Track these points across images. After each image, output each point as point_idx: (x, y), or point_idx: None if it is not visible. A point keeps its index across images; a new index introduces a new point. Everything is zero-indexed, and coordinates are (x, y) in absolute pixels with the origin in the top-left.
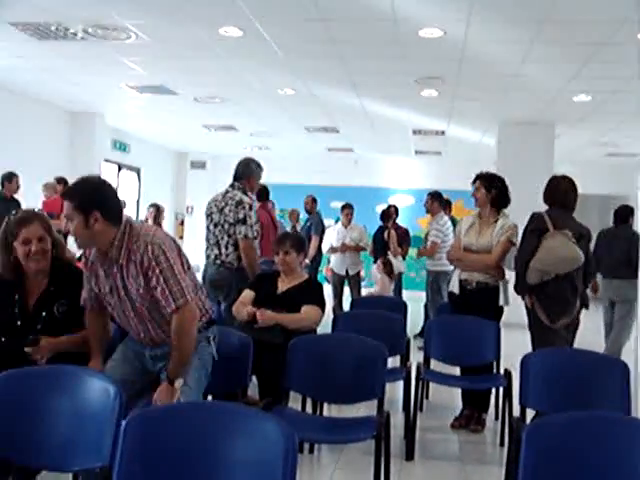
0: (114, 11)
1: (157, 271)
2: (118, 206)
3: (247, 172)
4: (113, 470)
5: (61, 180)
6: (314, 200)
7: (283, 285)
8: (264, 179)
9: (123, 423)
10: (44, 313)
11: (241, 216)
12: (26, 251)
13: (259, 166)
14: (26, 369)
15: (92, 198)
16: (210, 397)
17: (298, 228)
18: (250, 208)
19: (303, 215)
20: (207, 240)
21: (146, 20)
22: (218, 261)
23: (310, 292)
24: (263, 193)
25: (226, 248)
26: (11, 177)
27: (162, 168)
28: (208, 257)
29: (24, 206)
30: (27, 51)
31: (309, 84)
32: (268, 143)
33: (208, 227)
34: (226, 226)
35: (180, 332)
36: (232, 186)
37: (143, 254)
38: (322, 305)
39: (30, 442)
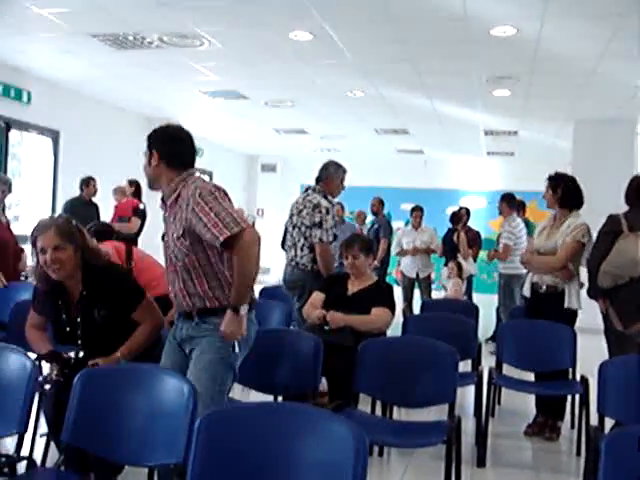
0: (188, 19)
1: (207, 208)
2: (182, 153)
3: (325, 175)
4: (187, 467)
5: (133, 182)
6: (381, 202)
7: (353, 287)
8: None
9: (197, 421)
10: (79, 319)
11: (317, 220)
12: (43, 260)
13: (339, 168)
14: (106, 368)
15: (156, 139)
16: (280, 398)
17: (364, 230)
18: (327, 212)
19: (371, 217)
20: (285, 242)
21: (219, 27)
22: (293, 262)
23: (380, 294)
24: None
25: (301, 250)
26: (89, 181)
27: (233, 171)
28: (287, 258)
29: (102, 209)
30: (106, 60)
31: (379, 86)
32: (337, 145)
33: (287, 228)
34: (302, 229)
35: (242, 255)
36: (313, 189)
37: (190, 197)
38: (392, 307)
39: (109, 437)
